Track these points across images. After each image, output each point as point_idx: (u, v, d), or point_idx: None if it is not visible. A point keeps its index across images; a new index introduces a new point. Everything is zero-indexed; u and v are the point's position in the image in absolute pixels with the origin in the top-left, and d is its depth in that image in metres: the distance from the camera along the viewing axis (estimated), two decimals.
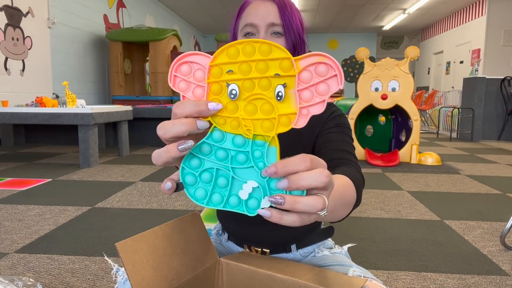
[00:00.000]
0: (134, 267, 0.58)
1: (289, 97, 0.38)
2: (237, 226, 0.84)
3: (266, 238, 0.81)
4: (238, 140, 0.39)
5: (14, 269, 1.40)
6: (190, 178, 0.39)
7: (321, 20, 10.40)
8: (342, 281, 0.66)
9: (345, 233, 1.84)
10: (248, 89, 0.38)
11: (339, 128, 0.75)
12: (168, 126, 0.37)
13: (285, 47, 0.63)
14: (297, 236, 0.83)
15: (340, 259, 0.79)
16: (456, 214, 2.17)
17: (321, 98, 0.38)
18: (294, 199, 0.35)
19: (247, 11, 0.74)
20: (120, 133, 3.99)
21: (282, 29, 0.71)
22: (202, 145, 0.39)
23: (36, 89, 4.93)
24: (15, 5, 4.53)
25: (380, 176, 3.21)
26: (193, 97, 0.39)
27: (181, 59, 0.39)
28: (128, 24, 7.44)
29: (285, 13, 0.70)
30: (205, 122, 0.38)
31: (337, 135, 0.74)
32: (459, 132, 6.31)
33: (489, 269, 1.47)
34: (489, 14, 7.72)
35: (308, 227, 0.83)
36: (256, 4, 0.73)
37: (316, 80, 0.37)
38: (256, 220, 0.81)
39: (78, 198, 2.39)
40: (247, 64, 0.38)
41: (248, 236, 0.83)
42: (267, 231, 0.80)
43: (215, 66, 0.38)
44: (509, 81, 5.95)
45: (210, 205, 0.39)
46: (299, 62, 0.37)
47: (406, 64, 3.80)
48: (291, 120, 0.38)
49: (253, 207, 0.39)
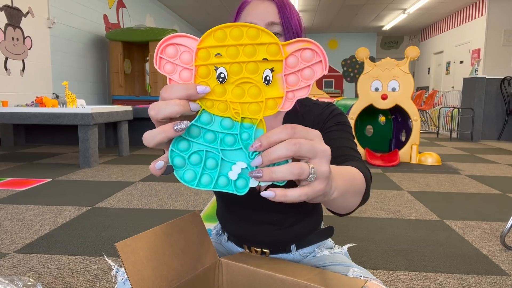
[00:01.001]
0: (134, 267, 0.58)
1: (276, 81, 0.39)
2: (237, 226, 0.84)
3: (265, 238, 0.81)
4: (226, 123, 0.39)
5: (14, 269, 1.40)
6: (179, 161, 0.39)
7: (321, 20, 10.40)
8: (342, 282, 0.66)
9: (345, 233, 1.84)
10: (236, 72, 0.38)
11: (340, 126, 0.75)
12: (161, 106, 0.36)
13: None
14: (297, 236, 0.82)
15: (340, 259, 0.79)
16: (456, 214, 2.17)
17: (306, 83, 0.39)
18: (270, 170, 0.36)
19: (246, 10, 0.74)
20: (120, 133, 3.99)
21: (281, 28, 0.70)
22: (190, 127, 0.39)
23: (36, 89, 4.93)
24: (15, 5, 4.53)
25: (380, 176, 3.21)
26: (179, 80, 0.39)
27: (166, 40, 0.39)
28: (128, 24, 7.44)
29: (284, 13, 0.70)
30: (197, 105, 0.38)
31: (338, 133, 0.74)
32: (459, 132, 6.31)
33: (489, 269, 1.47)
34: (489, 14, 7.72)
35: (308, 227, 0.83)
36: (255, 3, 0.73)
37: (301, 66, 0.38)
38: (256, 220, 0.80)
39: (78, 198, 2.39)
40: (235, 47, 0.38)
41: (247, 236, 0.83)
42: (267, 231, 0.80)
43: (203, 49, 0.38)
44: (509, 81, 5.95)
45: (200, 187, 0.40)
46: (286, 47, 0.38)
47: (406, 64, 3.80)
48: (278, 104, 0.39)
49: (242, 187, 0.40)
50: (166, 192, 2.56)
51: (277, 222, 0.79)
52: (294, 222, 0.80)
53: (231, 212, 0.83)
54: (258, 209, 0.78)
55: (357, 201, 0.55)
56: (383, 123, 4.62)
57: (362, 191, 0.56)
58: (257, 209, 0.78)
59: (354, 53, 9.92)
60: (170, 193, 2.52)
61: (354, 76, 12.44)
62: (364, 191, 0.57)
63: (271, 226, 0.79)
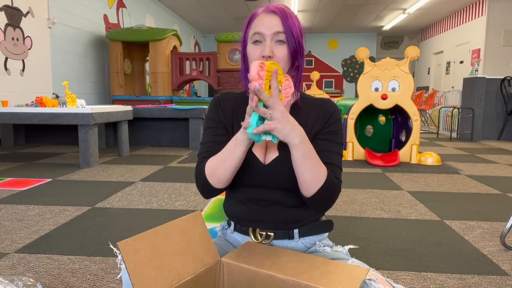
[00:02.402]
0: (135, 267, 0.58)
1: (281, 91, 0.78)
2: (244, 207, 0.90)
3: (271, 216, 0.88)
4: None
5: (14, 269, 1.40)
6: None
7: (321, 20, 10.41)
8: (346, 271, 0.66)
9: (345, 233, 1.84)
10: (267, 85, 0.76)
11: (334, 136, 0.90)
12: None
13: (287, 52, 0.85)
14: (300, 219, 0.89)
15: (341, 256, 0.84)
16: (456, 214, 2.17)
17: (289, 92, 0.79)
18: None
19: (255, 22, 0.87)
20: (120, 133, 3.99)
21: (284, 36, 0.84)
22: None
23: (36, 89, 4.93)
24: (15, 5, 4.53)
25: (380, 176, 3.21)
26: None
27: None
28: (128, 24, 7.44)
29: (287, 24, 0.84)
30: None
31: (331, 146, 0.89)
32: (459, 132, 6.31)
33: (489, 269, 1.47)
34: (489, 14, 7.72)
35: (310, 214, 0.91)
36: (262, 16, 0.86)
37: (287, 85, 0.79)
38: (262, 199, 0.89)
39: (78, 198, 2.39)
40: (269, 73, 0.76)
41: (253, 216, 0.89)
42: (272, 210, 0.88)
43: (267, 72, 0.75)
44: (509, 81, 5.95)
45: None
46: (283, 76, 0.79)
47: (406, 64, 3.80)
48: (281, 98, 0.77)
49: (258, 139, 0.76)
50: (166, 192, 2.56)
51: (280, 200, 0.88)
52: (296, 203, 0.88)
53: (240, 194, 0.92)
54: (264, 187, 0.88)
55: (313, 182, 0.79)
56: (383, 123, 4.62)
57: (319, 181, 0.79)
58: (263, 187, 0.88)
59: (354, 53, 9.93)
60: (170, 193, 2.53)
61: (354, 76, 12.44)
62: (322, 182, 0.79)
63: (276, 204, 0.88)
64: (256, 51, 0.84)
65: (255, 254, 0.75)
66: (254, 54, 0.85)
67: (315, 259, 0.72)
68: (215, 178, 0.84)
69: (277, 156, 0.85)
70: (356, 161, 3.89)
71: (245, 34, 0.89)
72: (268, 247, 0.80)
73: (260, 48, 0.84)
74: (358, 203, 2.37)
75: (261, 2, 8.46)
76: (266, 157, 0.87)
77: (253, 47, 0.85)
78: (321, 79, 12.04)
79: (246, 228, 0.90)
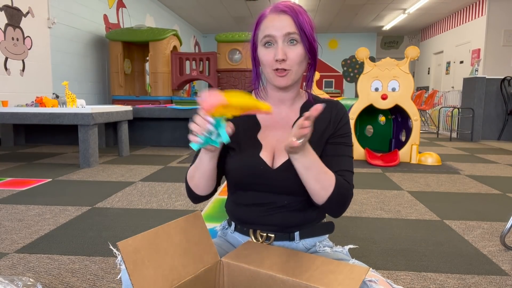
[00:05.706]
0: (136, 267, 0.58)
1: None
2: (248, 210, 0.88)
3: (274, 219, 0.86)
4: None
5: (14, 269, 1.40)
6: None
7: (321, 20, 10.41)
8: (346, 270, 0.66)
9: (345, 233, 1.84)
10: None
11: (345, 139, 0.89)
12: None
13: (302, 52, 0.81)
14: (303, 222, 0.87)
15: (341, 256, 0.84)
16: (456, 214, 2.17)
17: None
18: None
19: (264, 23, 0.82)
20: (120, 133, 3.99)
21: (298, 36, 0.80)
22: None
23: (36, 89, 4.93)
24: (15, 5, 4.53)
25: (380, 176, 3.21)
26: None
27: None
28: (128, 24, 7.44)
29: (299, 23, 0.80)
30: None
31: (343, 150, 0.88)
32: (459, 132, 6.31)
33: (489, 269, 1.47)
34: (489, 14, 7.72)
35: (313, 216, 0.89)
36: (272, 17, 0.81)
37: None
38: (267, 203, 0.87)
39: (78, 198, 2.39)
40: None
41: (254, 218, 0.87)
42: (276, 213, 0.86)
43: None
44: (509, 81, 5.95)
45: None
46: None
47: (406, 64, 3.80)
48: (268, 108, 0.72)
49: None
50: (166, 192, 2.56)
51: (287, 205, 0.86)
52: (302, 208, 0.86)
53: (245, 198, 0.89)
54: (270, 192, 0.85)
55: (321, 189, 0.78)
56: (383, 123, 4.62)
57: (327, 188, 0.78)
58: (269, 191, 0.86)
59: (354, 53, 9.91)
60: (170, 193, 2.53)
61: (354, 76, 12.44)
62: (331, 190, 0.78)
63: (281, 208, 0.86)
64: (269, 56, 0.81)
65: (255, 254, 0.75)
66: (267, 59, 0.81)
67: (315, 258, 0.72)
68: (194, 185, 0.85)
69: (287, 160, 0.83)
70: (356, 161, 3.89)
71: (254, 36, 0.85)
72: (268, 247, 0.80)
73: (273, 52, 0.80)
74: (358, 203, 2.37)
75: (261, 2, 8.47)
76: (275, 161, 0.85)
77: (265, 50, 0.82)
78: (321, 79, 12.03)
79: (247, 229, 0.89)
